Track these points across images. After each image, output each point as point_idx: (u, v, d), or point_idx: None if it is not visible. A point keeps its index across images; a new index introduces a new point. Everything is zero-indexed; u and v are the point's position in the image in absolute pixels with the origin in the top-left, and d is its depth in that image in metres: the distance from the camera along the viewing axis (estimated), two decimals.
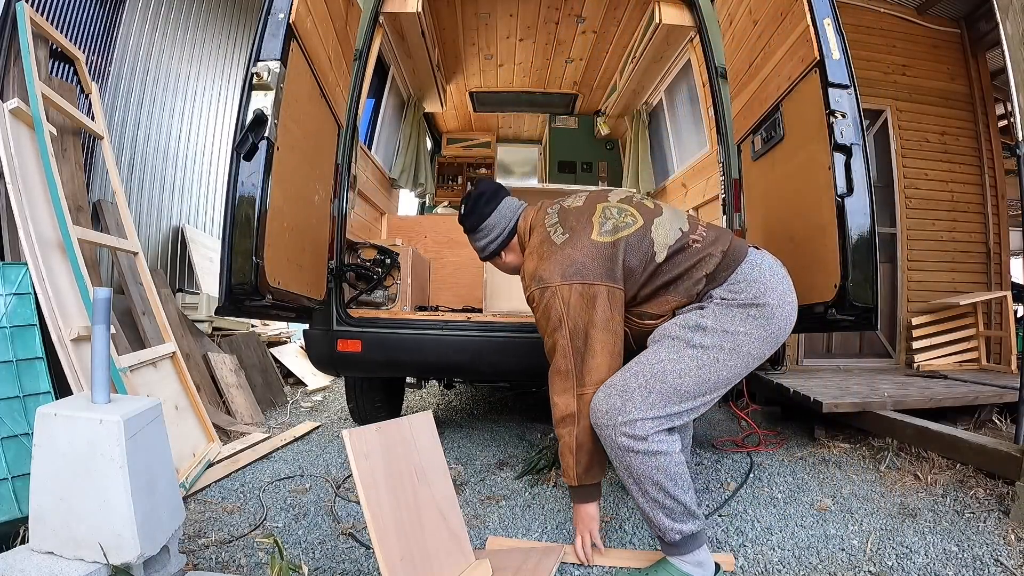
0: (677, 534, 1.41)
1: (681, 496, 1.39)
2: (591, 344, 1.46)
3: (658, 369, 1.42)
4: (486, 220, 1.70)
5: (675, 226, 1.54)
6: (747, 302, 1.45)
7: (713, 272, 1.49)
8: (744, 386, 3.23)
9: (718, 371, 1.43)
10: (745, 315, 1.45)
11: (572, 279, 1.46)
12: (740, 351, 1.43)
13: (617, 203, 1.60)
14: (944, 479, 2.15)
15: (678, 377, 1.41)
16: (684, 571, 1.43)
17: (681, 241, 1.52)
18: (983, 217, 4.44)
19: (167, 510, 1.33)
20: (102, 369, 1.27)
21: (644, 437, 1.38)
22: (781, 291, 1.48)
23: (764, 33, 2.13)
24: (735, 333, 1.44)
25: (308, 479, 2.25)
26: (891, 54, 4.44)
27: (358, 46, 2.48)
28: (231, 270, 1.63)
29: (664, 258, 1.50)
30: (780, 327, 1.47)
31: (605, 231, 1.51)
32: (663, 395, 1.40)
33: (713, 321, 1.45)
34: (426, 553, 1.30)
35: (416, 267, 2.81)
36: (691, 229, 1.55)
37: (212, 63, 4.49)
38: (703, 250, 1.51)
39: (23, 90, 2.37)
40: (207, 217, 4.56)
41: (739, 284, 1.48)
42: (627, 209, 1.57)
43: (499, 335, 2.33)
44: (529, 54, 3.99)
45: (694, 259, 1.50)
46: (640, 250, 1.50)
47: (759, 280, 1.47)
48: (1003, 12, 2.01)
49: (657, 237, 1.51)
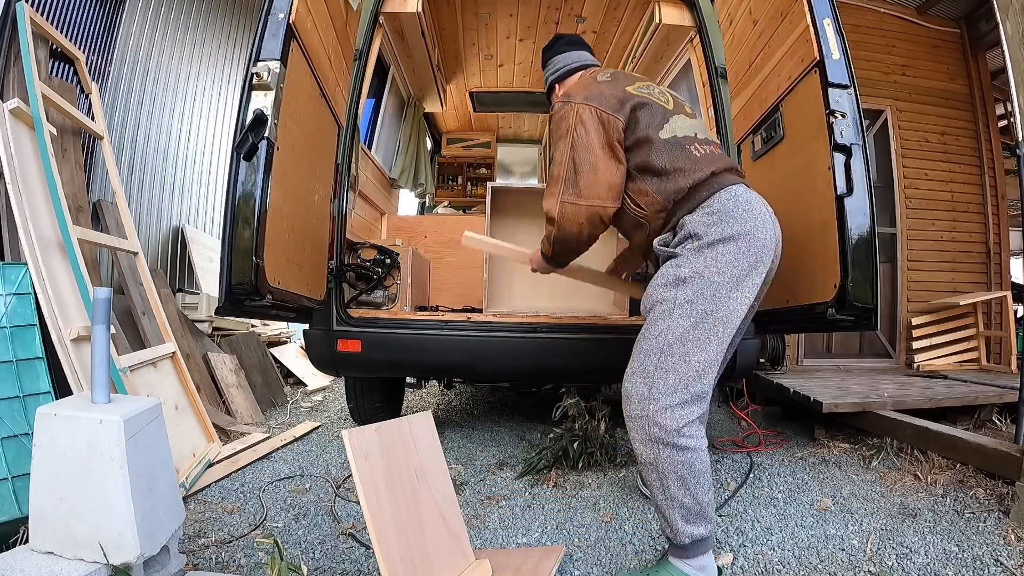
0: (687, 537, 1.41)
1: (701, 496, 1.39)
2: (592, 161, 1.56)
3: (662, 342, 1.43)
4: (557, 55, 1.92)
5: (692, 130, 1.63)
6: (715, 239, 1.46)
7: (694, 187, 1.53)
8: (744, 386, 3.23)
9: (712, 318, 1.42)
10: (715, 254, 1.45)
11: (591, 101, 1.59)
12: (720, 295, 1.43)
13: (667, 88, 1.73)
14: (944, 479, 2.15)
15: (681, 344, 1.42)
16: (686, 574, 1.42)
17: (686, 141, 1.59)
18: (983, 217, 4.44)
19: (167, 510, 1.33)
20: (102, 369, 1.27)
21: (676, 429, 1.38)
22: (751, 223, 1.47)
23: (764, 33, 2.13)
24: (710, 276, 1.43)
25: (308, 479, 2.25)
26: (891, 54, 4.44)
27: (358, 46, 2.48)
28: (231, 270, 1.63)
29: (664, 139, 1.58)
30: (754, 258, 1.46)
31: (639, 90, 1.64)
32: (678, 369, 1.41)
33: (688, 269, 1.46)
34: (426, 553, 1.30)
35: (416, 267, 2.81)
36: (702, 141, 1.62)
37: (212, 63, 4.49)
38: (698, 160, 1.56)
39: (23, 90, 2.37)
40: (207, 217, 4.56)
41: (711, 216, 1.49)
42: (668, 94, 1.70)
43: (499, 335, 2.33)
44: (529, 54, 3.99)
45: (685, 162, 1.55)
46: (652, 116, 1.60)
47: (729, 213, 1.48)
48: (1003, 12, 2.00)
49: (671, 122, 1.61)
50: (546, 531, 1.80)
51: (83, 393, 1.66)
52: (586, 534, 1.78)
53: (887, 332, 4.32)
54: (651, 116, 1.60)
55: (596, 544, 1.71)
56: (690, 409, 1.41)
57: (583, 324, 2.38)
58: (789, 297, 1.99)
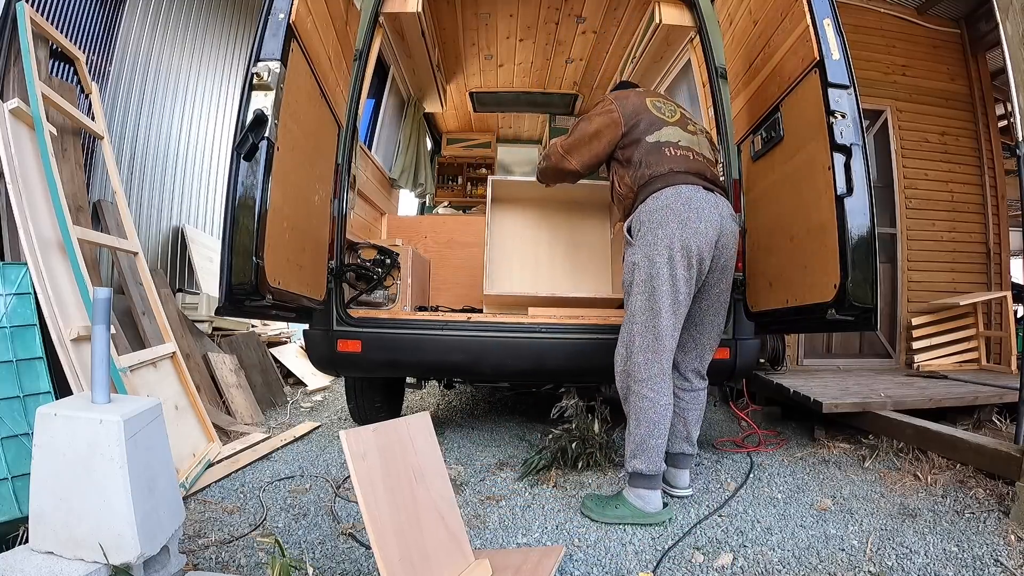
0: (631, 467, 1.88)
1: (649, 439, 1.83)
2: (583, 134, 2.13)
3: (632, 315, 1.91)
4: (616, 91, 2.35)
5: (677, 137, 2.03)
6: (654, 226, 1.88)
7: (652, 178, 1.96)
8: (744, 386, 3.23)
9: (659, 293, 1.85)
10: (654, 240, 1.87)
11: (617, 100, 2.11)
12: (660, 275, 1.85)
13: (679, 109, 2.16)
14: (944, 479, 2.15)
15: (643, 314, 1.88)
16: (628, 499, 1.87)
17: (665, 145, 2.00)
18: (983, 217, 4.43)
19: (167, 510, 1.33)
20: (102, 369, 1.27)
21: (643, 380, 1.87)
22: (684, 216, 1.85)
23: (764, 33, 2.13)
24: (651, 259, 1.86)
25: (308, 479, 2.25)
26: (891, 54, 4.43)
27: (358, 46, 2.48)
28: (231, 270, 1.63)
29: (650, 142, 2.01)
30: (681, 246, 1.83)
31: (653, 104, 2.11)
32: (644, 334, 1.87)
33: (639, 254, 1.90)
34: (425, 553, 1.30)
35: (416, 267, 2.81)
36: (682, 147, 2.01)
37: (212, 63, 4.48)
38: (665, 159, 1.97)
39: (23, 90, 2.37)
40: (207, 217, 4.55)
41: (654, 206, 1.90)
42: (678, 112, 2.14)
43: (499, 335, 2.33)
44: (529, 54, 3.99)
45: (655, 159, 1.98)
46: (650, 124, 2.04)
47: (669, 207, 1.88)
48: (1003, 12, 2.00)
49: (663, 130, 2.03)
50: (546, 531, 1.80)
51: (83, 393, 1.66)
52: (586, 534, 1.78)
53: (887, 332, 4.32)
54: (649, 124, 2.04)
55: (596, 544, 1.71)
56: (656, 366, 1.87)
57: (583, 324, 2.38)
58: (789, 297, 1.99)
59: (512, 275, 3.07)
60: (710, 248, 1.88)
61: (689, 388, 2.07)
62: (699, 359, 2.08)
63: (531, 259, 3.10)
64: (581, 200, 3.40)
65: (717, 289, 2.00)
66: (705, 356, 2.08)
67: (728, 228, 1.94)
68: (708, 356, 2.09)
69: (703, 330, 2.05)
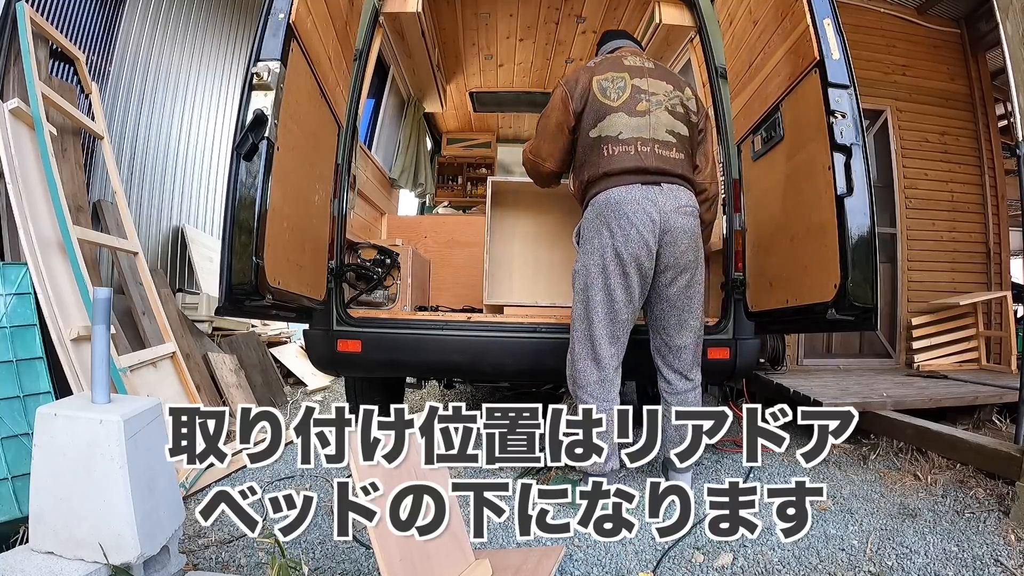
0: (578, 467, 1.91)
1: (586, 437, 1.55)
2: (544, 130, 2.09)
3: (573, 320, 1.98)
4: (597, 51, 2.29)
5: (617, 129, 1.93)
6: (589, 236, 1.92)
7: (589, 182, 1.96)
8: (744, 386, 3.23)
9: (593, 302, 1.89)
10: (588, 249, 1.91)
11: (566, 84, 2.03)
12: (594, 284, 1.89)
13: (632, 80, 1.98)
14: (944, 479, 2.15)
15: (580, 322, 1.93)
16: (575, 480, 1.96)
17: (604, 141, 1.93)
18: (983, 217, 4.43)
19: (167, 510, 1.33)
20: (102, 369, 1.27)
21: (582, 386, 1.93)
22: (614, 224, 1.85)
23: (764, 33, 2.12)
24: (586, 268, 1.91)
25: (308, 479, 2.25)
26: (891, 54, 4.43)
27: (358, 46, 2.48)
28: (231, 270, 1.63)
29: (591, 137, 1.95)
30: (614, 254, 1.85)
31: (601, 83, 1.98)
32: (581, 340, 1.93)
33: (579, 263, 1.96)
34: (426, 553, 1.30)
35: (416, 267, 2.81)
36: (623, 141, 1.91)
37: (212, 63, 4.48)
38: (603, 159, 1.92)
39: (23, 90, 2.37)
40: (207, 217, 4.55)
41: (589, 215, 1.94)
42: (627, 88, 1.97)
43: (499, 335, 2.33)
44: (529, 54, 3.99)
45: (595, 158, 1.94)
46: (593, 112, 1.96)
47: (600, 214, 1.89)
48: (1003, 12, 2.00)
49: (605, 120, 1.94)
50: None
51: (83, 393, 1.66)
52: (586, 534, 1.77)
53: (887, 332, 4.32)
54: (592, 113, 1.96)
55: (596, 544, 1.71)
56: (594, 374, 1.91)
57: None
58: (789, 297, 1.99)
59: (512, 278, 3.07)
60: (648, 250, 1.86)
61: (672, 391, 2.02)
62: (677, 360, 2.01)
63: (531, 261, 3.10)
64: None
65: (673, 288, 1.94)
66: (683, 356, 2.00)
67: (677, 224, 1.88)
68: (687, 356, 2.01)
69: (670, 331, 1.98)
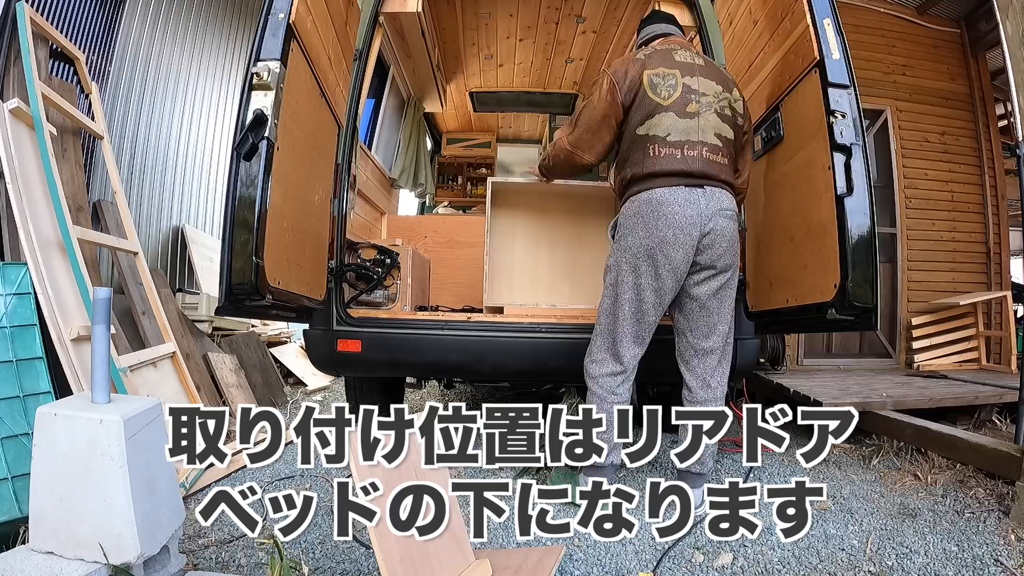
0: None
1: (589, 433, 1.51)
2: (589, 121, 1.98)
3: (599, 314, 1.97)
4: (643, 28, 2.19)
5: (667, 131, 1.86)
6: (625, 233, 1.90)
7: (631, 179, 1.92)
8: (744, 386, 3.23)
9: (622, 299, 1.88)
10: (623, 247, 1.89)
11: (616, 75, 1.92)
12: (624, 282, 1.88)
13: (683, 79, 1.90)
14: (944, 479, 2.15)
15: (605, 317, 1.93)
16: (579, 481, 1.90)
17: (651, 140, 1.87)
18: (983, 217, 4.43)
19: (167, 510, 1.33)
20: (102, 369, 1.27)
21: (594, 377, 1.93)
22: (652, 224, 1.82)
23: (764, 33, 2.13)
24: (618, 265, 1.90)
25: (308, 479, 2.25)
26: (891, 54, 4.43)
27: (358, 46, 2.48)
28: (231, 270, 1.63)
29: (638, 134, 1.89)
30: (647, 255, 1.83)
31: (652, 78, 1.89)
32: (603, 335, 1.93)
33: (612, 258, 1.94)
34: (426, 553, 1.30)
35: (416, 267, 2.81)
36: (671, 143, 1.85)
37: (212, 63, 4.48)
38: (648, 159, 1.87)
39: (23, 90, 2.37)
40: (207, 217, 4.55)
41: (628, 211, 1.90)
42: (679, 86, 1.89)
43: (499, 335, 2.33)
44: (529, 54, 3.99)
45: (639, 157, 1.89)
46: (640, 109, 1.89)
47: (639, 213, 1.86)
48: (1003, 12, 2.00)
49: (653, 119, 1.87)
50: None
51: (83, 393, 1.66)
52: (586, 534, 1.77)
53: (887, 332, 4.32)
54: (641, 110, 1.89)
55: (596, 544, 1.71)
56: (608, 366, 1.91)
57: (583, 324, 2.38)
58: (789, 297, 1.99)
59: (513, 278, 3.07)
60: (685, 253, 1.82)
61: (693, 399, 1.93)
62: (702, 364, 1.93)
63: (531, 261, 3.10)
64: (583, 200, 3.40)
65: (705, 288, 1.88)
66: (708, 361, 1.92)
67: (719, 226, 1.83)
68: (712, 362, 1.92)
69: (697, 333, 1.92)
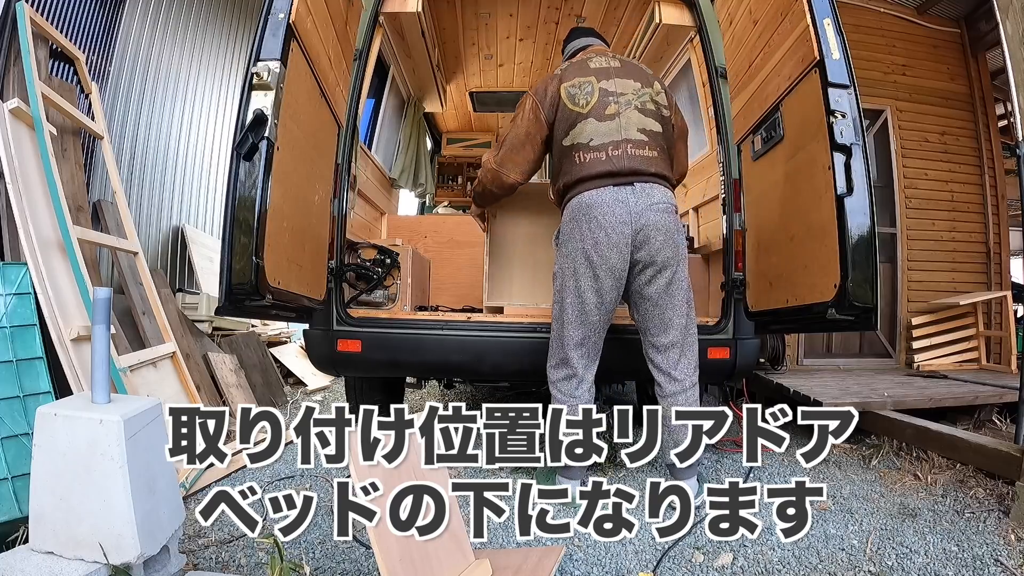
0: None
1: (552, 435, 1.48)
2: (513, 140, 2.06)
3: (551, 321, 2.01)
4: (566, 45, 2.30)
5: (588, 136, 1.92)
6: (563, 239, 1.95)
7: (564, 187, 1.98)
8: (744, 386, 3.23)
9: (566, 304, 1.92)
10: (564, 252, 1.94)
11: (536, 94, 2.03)
12: (566, 287, 1.92)
13: (599, 84, 1.97)
14: (944, 479, 2.15)
15: (555, 323, 1.98)
16: (556, 480, 1.98)
17: (576, 148, 1.94)
18: (983, 217, 4.43)
19: (167, 510, 1.33)
20: (102, 369, 1.27)
21: (552, 383, 1.99)
22: (585, 226, 1.87)
23: (764, 33, 2.12)
24: (561, 271, 1.95)
25: (308, 479, 2.25)
26: (891, 54, 4.43)
27: (358, 46, 2.48)
28: (231, 270, 1.63)
29: (564, 145, 1.97)
30: (584, 257, 1.86)
31: (570, 89, 1.97)
32: (555, 341, 1.98)
33: (556, 265, 1.99)
34: (426, 553, 1.30)
35: (416, 267, 2.81)
36: (594, 147, 1.91)
37: (212, 63, 4.48)
38: (576, 166, 1.93)
39: (23, 90, 2.37)
40: (207, 217, 4.55)
41: (565, 218, 1.96)
42: (595, 93, 1.96)
43: (499, 335, 2.33)
44: (529, 54, 3.99)
45: (568, 167, 1.95)
46: (563, 121, 1.97)
47: (573, 217, 1.91)
48: (1003, 12, 2.00)
49: (576, 128, 1.94)
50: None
51: (83, 393, 1.66)
52: (586, 534, 1.78)
53: (887, 332, 4.32)
54: (563, 122, 1.97)
55: (596, 544, 1.71)
56: (562, 371, 1.96)
57: None
58: (789, 297, 1.99)
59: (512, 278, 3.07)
60: (619, 252, 1.84)
61: (661, 394, 1.97)
62: (665, 359, 1.96)
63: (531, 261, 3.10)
64: None
65: (653, 287, 1.90)
66: (669, 356, 1.95)
67: (651, 221, 1.85)
68: (673, 355, 1.95)
69: (654, 331, 1.95)
